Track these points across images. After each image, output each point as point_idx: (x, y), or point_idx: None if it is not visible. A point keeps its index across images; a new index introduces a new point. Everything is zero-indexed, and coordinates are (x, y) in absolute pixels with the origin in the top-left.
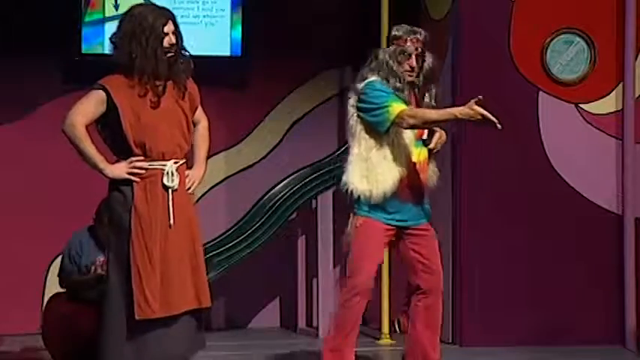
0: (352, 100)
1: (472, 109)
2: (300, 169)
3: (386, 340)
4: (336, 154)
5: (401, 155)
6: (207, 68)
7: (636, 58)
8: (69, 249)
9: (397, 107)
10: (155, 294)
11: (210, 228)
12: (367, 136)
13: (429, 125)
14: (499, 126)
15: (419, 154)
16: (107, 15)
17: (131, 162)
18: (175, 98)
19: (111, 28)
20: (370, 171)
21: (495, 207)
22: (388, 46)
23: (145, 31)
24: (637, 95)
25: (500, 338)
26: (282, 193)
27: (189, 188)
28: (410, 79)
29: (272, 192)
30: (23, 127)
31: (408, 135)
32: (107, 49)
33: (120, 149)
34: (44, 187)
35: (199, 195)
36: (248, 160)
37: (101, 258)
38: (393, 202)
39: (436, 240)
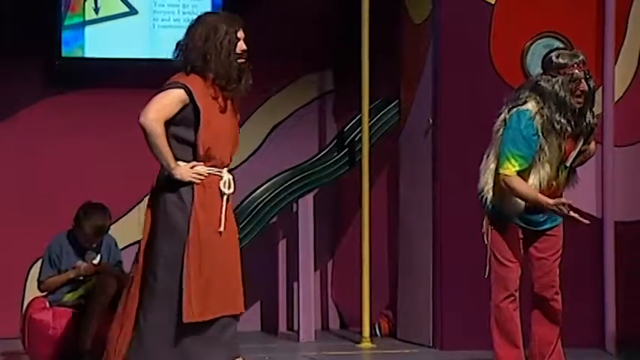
0: (503, 115)
1: (560, 209)
2: (280, 173)
3: (366, 344)
4: (317, 157)
5: (539, 179)
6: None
7: (616, 63)
8: (49, 253)
9: (508, 168)
10: (200, 298)
11: None
12: None
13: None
14: (586, 221)
15: (558, 176)
16: (87, 19)
17: (193, 166)
18: (232, 109)
19: (91, 31)
20: (502, 192)
21: (477, 208)
22: (546, 74)
23: (220, 35)
24: (616, 99)
25: (480, 341)
26: (262, 197)
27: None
28: (579, 105)
29: (252, 196)
30: (3, 130)
31: (552, 160)
32: (87, 52)
33: (180, 149)
34: (23, 191)
35: None
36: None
37: (79, 262)
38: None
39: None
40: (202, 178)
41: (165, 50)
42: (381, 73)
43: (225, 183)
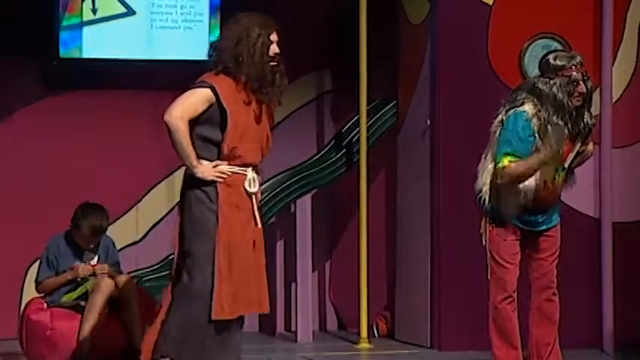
0: (500, 117)
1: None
2: (278, 174)
3: (364, 345)
4: (315, 158)
5: (536, 180)
6: (185, 72)
7: (613, 64)
8: (47, 254)
9: (504, 161)
10: (231, 296)
11: None
12: None
13: (522, 178)
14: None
15: (556, 177)
16: (85, 19)
17: (216, 165)
18: (264, 111)
19: (89, 32)
20: (502, 190)
21: (475, 208)
22: (544, 76)
23: (253, 37)
24: (614, 100)
25: (478, 342)
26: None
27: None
28: (578, 104)
29: None
30: (0, 131)
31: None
32: (85, 53)
33: (204, 148)
34: (22, 192)
35: (178, 200)
36: None
37: (77, 263)
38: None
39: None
40: (225, 176)
41: (163, 51)
42: (379, 73)
43: (249, 182)
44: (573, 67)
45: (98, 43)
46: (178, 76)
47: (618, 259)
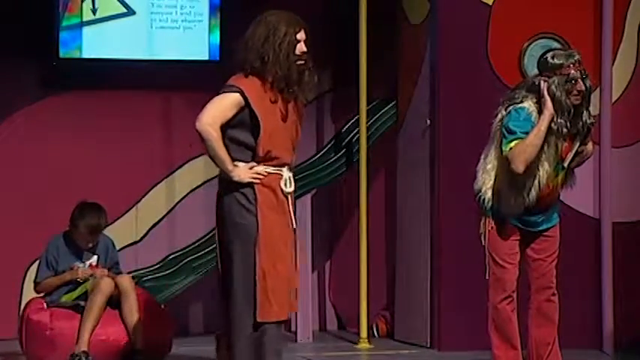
0: (500, 115)
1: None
2: None
3: (364, 345)
4: (314, 158)
5: (536, 178)
6: (185, 73)
7: (613, 64)
8: (46, 254)
9: (509, 145)
10: (277, 297)
11: (189, 232)
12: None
13: (534, 151)
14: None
15: (556, 176)
16: (85, 19)
17: (252, 167)
18: (292, 109)
19: (89, 32)
20: (502, 190)
21: (475, 208)
22: (542, 75)
23: (279, 35)
24: (614, 100)
25: (478, 342)
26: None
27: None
28: (577, 102)
29: None
30: (0, 131)
31: (549, 159)
32: (85, 53)
33: (238, 151)
34: (22, 192)
35: (177, 200)
36: None
37: (77, 264)
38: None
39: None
40: (261, 177)
41: (163, 51)
42: (379, 73)
43: (285, 181)
44: (571, 65)
45: (98, 43)
46: (178, 75)
47: (618, 259)
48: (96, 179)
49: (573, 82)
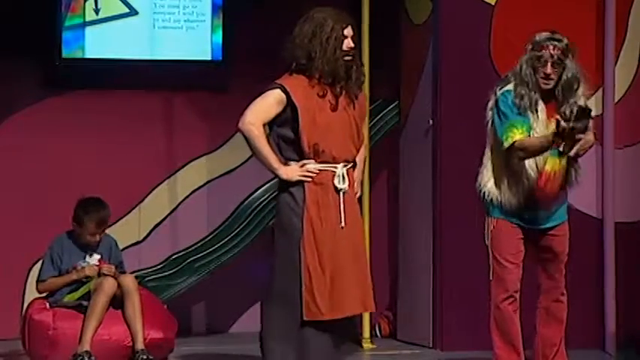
0: (491, 103)
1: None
2: None
3: (366, 345)
4: None
5: (533, 166)
6: (188, 73)
7: (616, 63)
8: (51, 253)
9: (510, 137)
10: (324, 296)
11: (191, 232)
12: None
13: (539, 153)
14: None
15: (554, 163)
16: (87, 19)
17: (303, 165)
18: (346, 104)
19: (91, 32)
20: (500, 178)
21: (477, 208)
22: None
23: (326, 31)
24: (617, 100)
25: (480, 342)
26: (262, 198)
27: (356, 192)
28: (545, 87)
29: (253, 196)
30: (2, 131)
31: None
32: (88, 53)
33: (290, 150)
34: (24, 192)
35: (180, 200)
36: (229, 165)
37: (81, 263)
38: (522, 208)
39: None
40: (313, 175)
41: (166, 51)
42: (381, 73)
43: (338, 178)
44: (549, 46)
45: (101, 43)
46: (181, 75)
47: (620, 259)
48: (99, 179)
49: (542, 62)
